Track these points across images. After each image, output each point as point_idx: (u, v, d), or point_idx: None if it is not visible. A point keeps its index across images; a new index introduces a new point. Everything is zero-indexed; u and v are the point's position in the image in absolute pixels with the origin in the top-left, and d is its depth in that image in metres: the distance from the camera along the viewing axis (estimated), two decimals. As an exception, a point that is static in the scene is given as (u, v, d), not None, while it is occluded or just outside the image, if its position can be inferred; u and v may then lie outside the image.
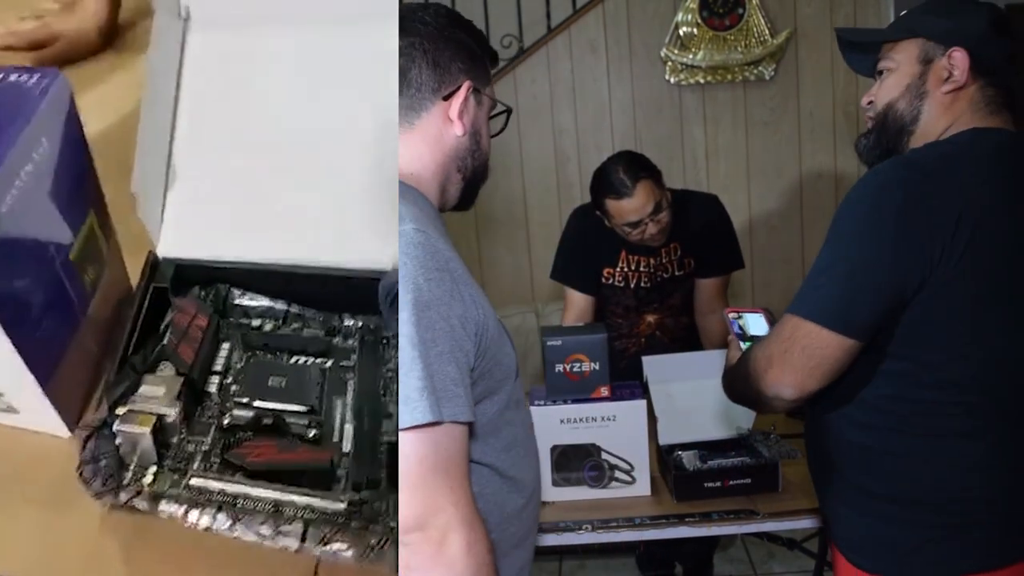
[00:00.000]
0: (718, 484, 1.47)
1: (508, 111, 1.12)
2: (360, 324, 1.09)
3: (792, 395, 1.05)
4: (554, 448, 1.49)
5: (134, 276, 1.10)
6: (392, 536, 0.89)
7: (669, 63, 3.04)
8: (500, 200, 3.15)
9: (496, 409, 0.94)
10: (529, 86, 3.09)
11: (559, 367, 1.48)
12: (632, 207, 1.83)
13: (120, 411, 0.95)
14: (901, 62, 1.13)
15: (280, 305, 1.10)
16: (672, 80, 3.04)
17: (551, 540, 1.44)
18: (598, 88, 3.09)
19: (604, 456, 1.49)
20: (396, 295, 0.92)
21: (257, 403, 1.00)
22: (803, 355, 1.02)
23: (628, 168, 1.84)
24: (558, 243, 2.11)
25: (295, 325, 1.09)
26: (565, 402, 1.48)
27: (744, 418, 1.56)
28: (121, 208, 1.09)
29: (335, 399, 1.02)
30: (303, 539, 0.90)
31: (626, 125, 3.09)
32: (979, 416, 1.04)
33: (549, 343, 1.49)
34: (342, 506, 0.92)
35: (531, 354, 3.00)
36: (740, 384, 1.13)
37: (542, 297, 3.14)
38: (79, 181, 1.03)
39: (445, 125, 0.99)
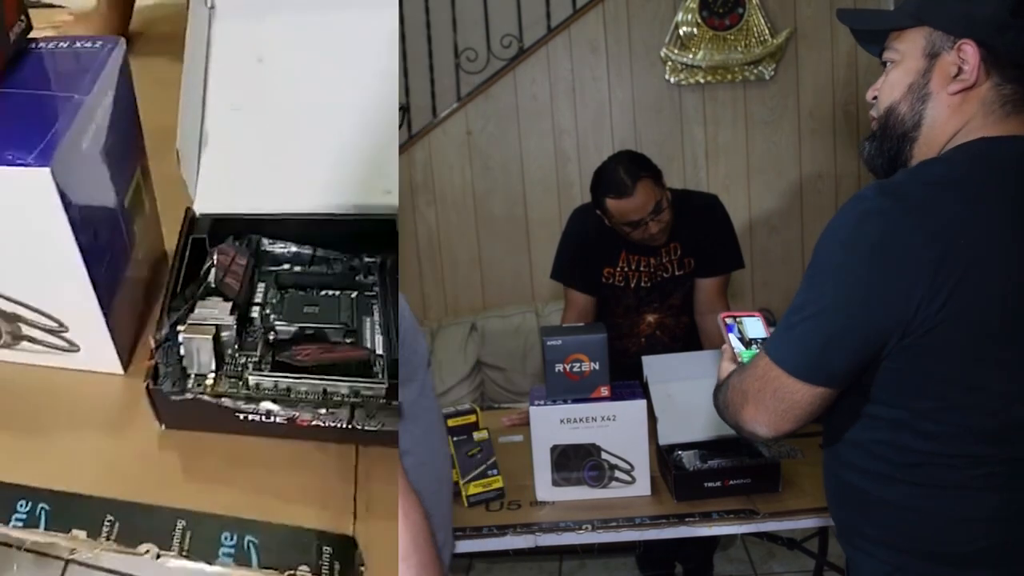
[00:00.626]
0: (718, 484, 1.47)
1: None
2: (378, 261, 1.24)
3: (767, 433, 1.02)
4: (554, 448, 1.49)
5: (168, 235, 1.27)
6: None
7: (669, 63, 3.04)
8: (500, 200, 3.15)
9: (414, 396, 1.02)
10: (529, 86, 3.10)
11: (559, 367, 1.48)
12: (632, 206, 1.84)
13: (181, 327, 1.08)
14: (906, 54, 0.99)
15: (306, 250, 1.25)
16: (672, 80, 3.04)
17: (551, 540, 1.44)
18: (598, 88, 3.09)
19: (604, 456, 1.49)
20: None
21: (297, 324, 1.15)
22: (774, 399, 0.98)
23: (628, 167, 1.85)
24: (558, 243, 2.11)
25: (321, 267, 1.25)
26: (565, 402, 1.48)
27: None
28: (155, 173, 1.26)
29: (364, 318, 1.18)
30: (351, 420, 1.03)
31: (626, 125, 3.09)
32: (974, 467, 0.95)
33: (549, 343, 1.48)
34: (383, 387, 1.05)
35: (531, 354, 3.00)
36: (723, 408, 1.10)
37: (542, 297, 3.14)
38: (132, 137, 1.19)
39: None
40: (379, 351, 1.13)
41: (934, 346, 0.90)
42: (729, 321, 1.20)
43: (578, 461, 1.49)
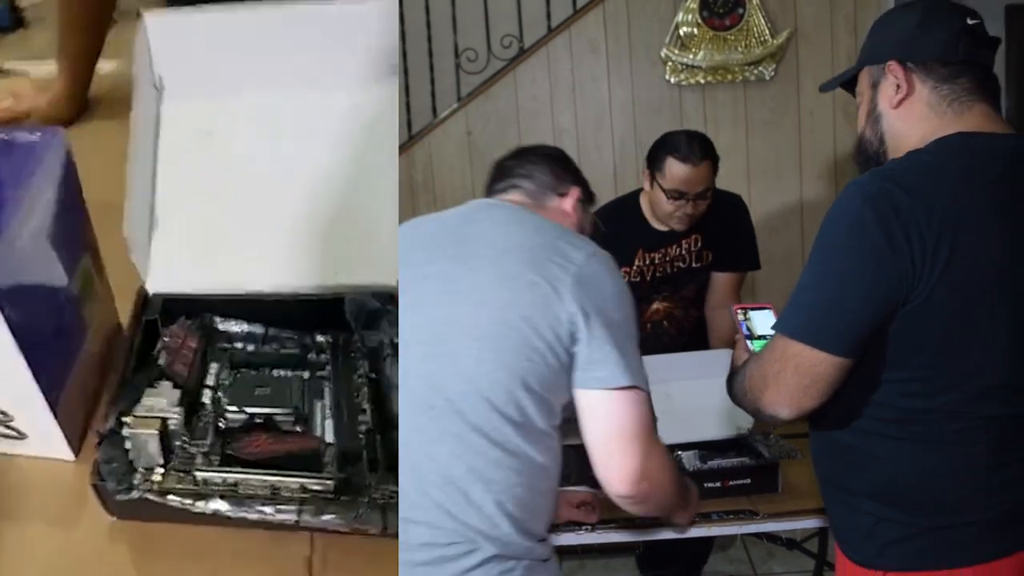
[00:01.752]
0: (718, 484, 1.47)
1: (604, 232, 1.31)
2: (331, 340, 1.23)
3: (789, 415, 1.05)
4: (554, 448, 1.48)
5: (123, 314, 1.25)
6: (375, 503, 1.02)
7: (669, 63, 3.03)
8: (500, 200, 3.14)
9: None
10: (529, 86, 3.09)
11: (559, 367, 1.48)
12: (692, 175, 1.86)
13: (128, 419, 1.05)
14: (861, 92, 1.17)
15: (258, 328, 1.24)
16: (672, 80, 3.04)
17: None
18: (598, 88, 3.09)
19: (604, 456, 1.49)
20: (368, 312, 1.18)
21: (247, 409, 1.12)
22: (796, 375, 1.02)
23: (702, 142, 1.90)
24: None
25: (273, 345, 1.24)
26: (565, 402, 1.48)
27: (744, 418, 1.56)
28: (106, 254, 1.24)
29: (315, 401, 1.16)
30: (299, 515, 1.01)
31: (626, 125, 3.09)
32: (963, 421, 1.03)
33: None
34: (331, 483, 1.03)
35: (531, 354, 3.00)
36: (740, 396, 1.14)
37: (542, 297, 3.14)
38: (77, 226, 1.18)
39: (562, 215, 1.22)
40: (328, 438, 1.10)
41: (929, 311, 0.98)
42: (739, 313, 1.25)
43: (579, 461, 1.49)
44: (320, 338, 1.24)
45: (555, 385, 1.05)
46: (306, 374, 1.20)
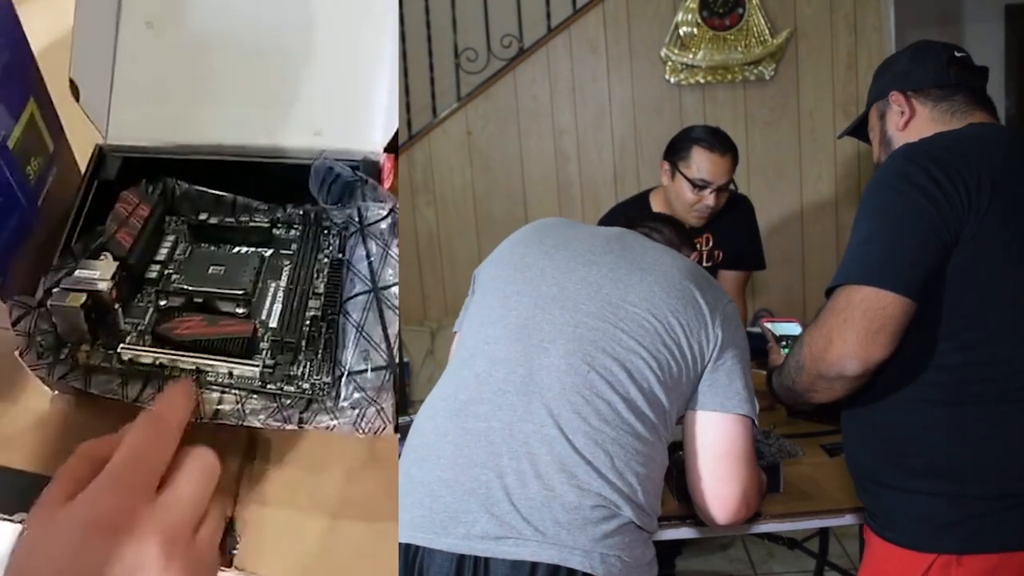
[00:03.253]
0: (719, 484, 1.47)
1: None
2: (301, 213, 1.12)
3: (857, 369, 1.03)
4: (555, 448, 1.48)
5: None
6: (303, 397, 0.97)
7: (669, 63, 3.04)
8: (500, 200, 3.15)
9: None
10: (529, 86, 3.09)
11: (560, 367, 1.48)
12: (717, 166, 1.89)
13: (55, 291, 0.98)
14: (872, 127, 1.28)
15: (227, 196, 1.13)
16: (672, 80, 3.05)
17: (552, 540, 1.43)
18: (598, 88, 3.09)
19: (605, 456, 1.48)
20: (333, 181, 1.03)
21: (193, 288, 1.05)
22: (864, 319, 1.02)
23: (725, 136, 1.95)
24: None
25: (242, 217, 1.13)
26: (566, 402, 1.48)
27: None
28: (71, 107, 1.07)
29: (269, 283, 1.08)
30: (219, 403, 0.97)
31: (626, 125, 3.09)
32: (1012, 377, 1.03)
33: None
34: (256, 370, 0.98)
35: (531, 354, 3.00)
36: (795, 374, 1.13)
37: (542, 297, 3.14)
38: (14, 66, 0.99)
39: None
40: (272, 323, 1.04)
41: (976, 252, 1.04)
42: (768, 325, 1.30)
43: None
44: (291, 211, 1.12)
45: (681, 394, 1.08)
46: (269, 251, 1.10)
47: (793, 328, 1.25)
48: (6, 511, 0.97)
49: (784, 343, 1.24)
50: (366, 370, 0.97)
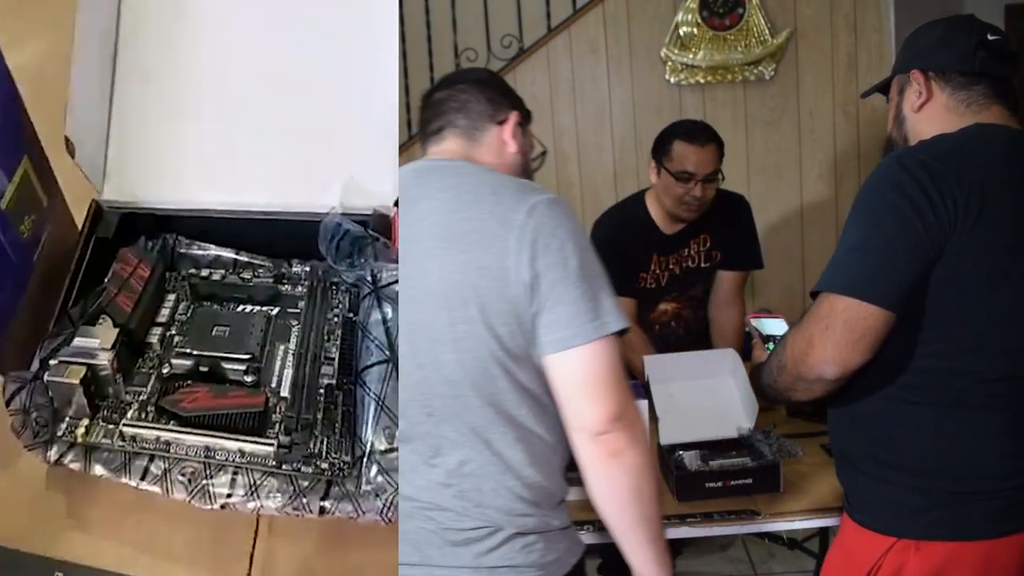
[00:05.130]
0: (719, 484, 1.47)
1: (544, 152, 1.27)
2: (308, 270, 1.07)
3: (835, 373, 1.06)
4: (555, 448, 1.48)
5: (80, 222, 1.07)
6: (322, 478, 0.89)
7: (669, 63, 3.04)
8: (500, 200, 3.14)
9: None
10: (529, 86, 3.09)
11: (560, 367, 1.48)
12: (698, 156, 1.89)
13: (52, 363, 0.93)
14: (892, 97, 1.27)
15: (229, 253, 1.08)
16: (672, 80, 3.04)
17: (552, 540, 1.43)
18: (598, 88, 3.09)
19: (605, 456, 1.48)
20: (341, 237, 0.99)
21: (197, 352, 0.98)
22: (845, 328, 1.05)
23: (705, 127, 1.96)
24: None
25: (245, 273, 1.07)
26: (566, 402, 1.48)
27: (745, 418, 1.56)
28: (65, 162, 1.04)
29: (278, 345, 1.02)
30: (231, 491, 0.89)
31: (626, 125, 3.09)
32: (987, 385, 1.07)
33: (550, 343, 1.48)
34: (271, 449, 0.90)
35: (531, 354, 3.00)
36: (776, 374, 1.15)
37: (542, 297, 3.14)
38: (10, 121, 0.98)
39: (502, 145, 1.15)
40: (283, 392, 0.97)
41: (959, 267, 1.05)
42: (754, 321, 1.29)
43: (579, 461, 1.49)
44: (297, 268, 1.07)
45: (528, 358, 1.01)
46: (275, 310, 1.04)
47: (780, 326, 1.26)
48: None
49: (769, 342, 1.24)
50: (391, 449, 0.91)
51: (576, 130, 3.11)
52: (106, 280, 1.01)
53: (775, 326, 1.25)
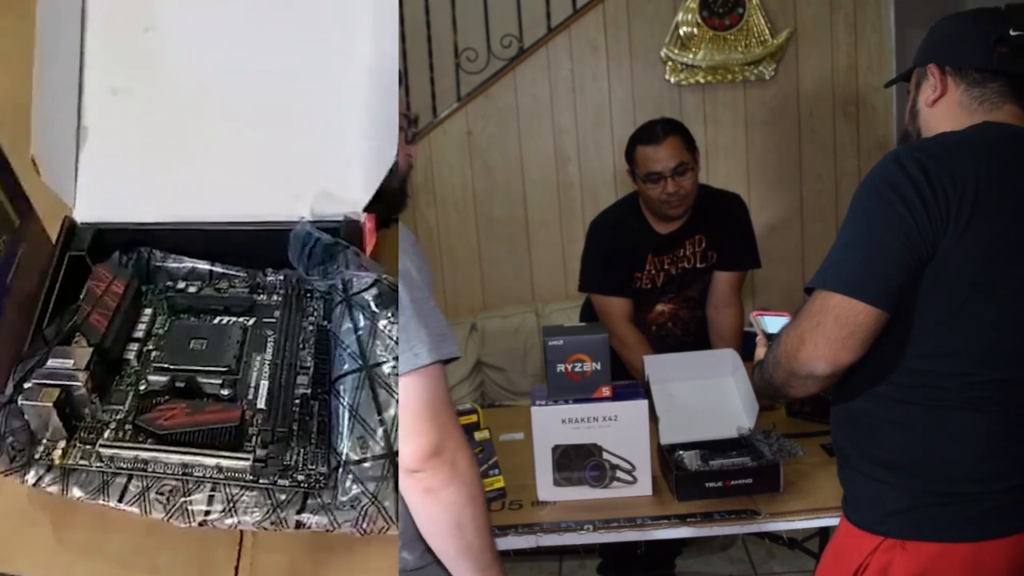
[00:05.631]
0: (719, 484, 1.47)
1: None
2: (283, 278, 1.08)
3: (825, 370, 1.07)
4: (555, 448, 1.48)
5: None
6: (299, 491, 0.90)
7: (669, 63, 3.04)
8: (500, 200, 3.15)
9: None
10: (529, 86, 3.09)
11: (560, 367, 1.48)
12: (660, 154, 1.91)
13: (26, 386, 0.92)
14: (911, 89, 1.25)
15: (204, 265, 1.08)
16: (672, 80, 3.04)
17: (552, 540, 1.44)
18: (598, 88, 3.09)
19: (605, 456, 1.49)
20: (313, 245, 0.98)
21: (174, 368, 0.98)
22: (836, 325, 1.05)
23: (665, 124, 1.98)
24: (583, 256, 2.12)
25: (220, 284, 1.08)
26: (567, 402, 1.48)
27: (745, 418, 1.56)
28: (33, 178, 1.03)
29: (255, 356, 1.02)
30: (208, 507, 0.89)
31: (626, 125, 3.08)
32: (975, 388, 1.07)
33: (551, 343, 1.48)
34: (247, 464, 0.91)
35: (532, 354, 3.00)
36: (771, 370, 1.16)
37: (542, 297, 3.14)
38: None
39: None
40: (260, 404, 0.97)
41: (948, 267, 1.05)
42: (758, 319, 1.29)
43: (579, 461, 1.49)
44: (272, 277, 1.07)
45: None
46: (251, 320, 1.04)
47: (781, 320, 1.25)
48: None
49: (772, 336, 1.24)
50: (364, 459, 0.91)
51: (576, 130, 3.11)
52: (80, 298, 1.00)
53: (779, 323, 1.24)
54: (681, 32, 3.01)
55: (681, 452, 1.53)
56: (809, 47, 3.02)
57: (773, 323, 1.26)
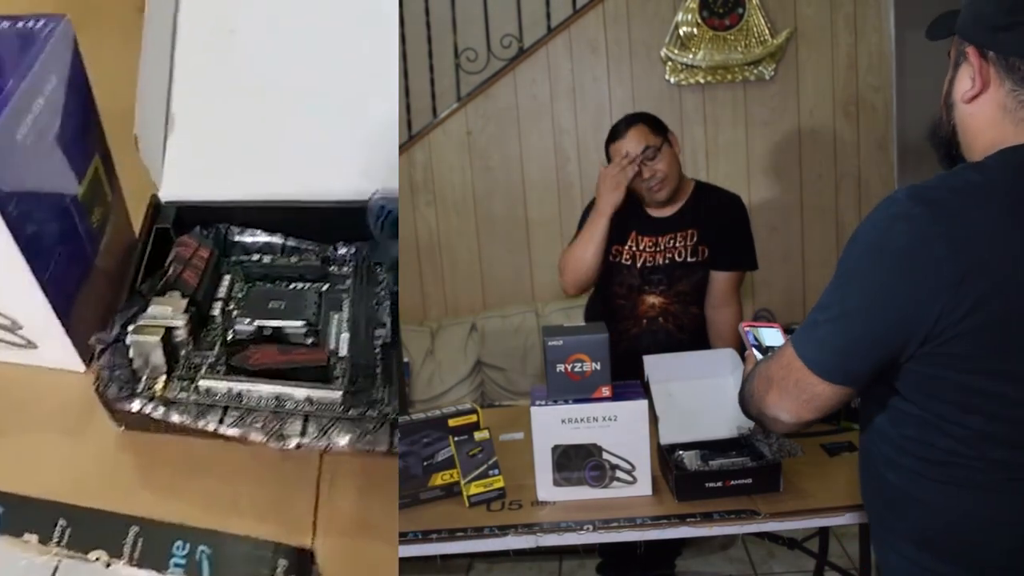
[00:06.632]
0: (719, 484, 1.47)
1: None
2: (353, 251, 1.18)
3: (789, 420, 1.03)
4: (555, 448, 1.48)
5: (137, 223, 1.20)
6: (386, 421, 0.99)
7: (669, 63, 3.04)
8: (500, 200, 3.15)
9: None
10: (529, 86, 3.09)
11: (560, 367, 1.48)
12: (623, 144, 1.99)
13: (131, 327, 1.03)
14: (949, 58, 1.00)
15: (277, 239, 1.19)
16: (672, 80, 3.04)
17: (551, 540, 1.43)
18: (598, 88, 3.09)
19: (605, 456, 1.49)
20: (385, 218, 1.10)
21: (258, 322, 1.08)
22: (796, 388, 1.01)
23: (627, 118, 2.06)
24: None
25: (292, 257, 1.18)
26: (566, 402, 1.48)
27: (745, 418, 1.56)
28: (121, 160, 1.18)
29: (331, 314, 1.12)
30: (303, 433, 0.97)
31: (626, 125, 3.09)
32: (997, 470, 0.94)
33: (550, 343, 1.48)
34: (339, 394, 0.99)
35: (531, 354, 3.00)
36: (747, 399, 1.12)
37: (542, 297, 3.14)
38: (84, 124, 1.10)
39: None
40: (342, 352, 1.06)
41: (955, 354, 0.90)
42: (748, 330, 1.24)
43: (579, 461, 1.49)
44: (342, 250, 1.18)
45: None
46: (325, 287, 1.15)
47: (776, 336, 1.23)
48: (79, 548, 0.97)
49: (768, 353, 1.20)
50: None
51: (576, 130, 3.11)
52: (169, 260, 1.12)
53: (772, 336, 1.22)
54: (681, 32, 3.01)
55: (681, 452, 1.53)
56: (809, 47, 3.02)
57: (770, 335, 1.23)
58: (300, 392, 1.00)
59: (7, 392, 1.13)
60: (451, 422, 1.52)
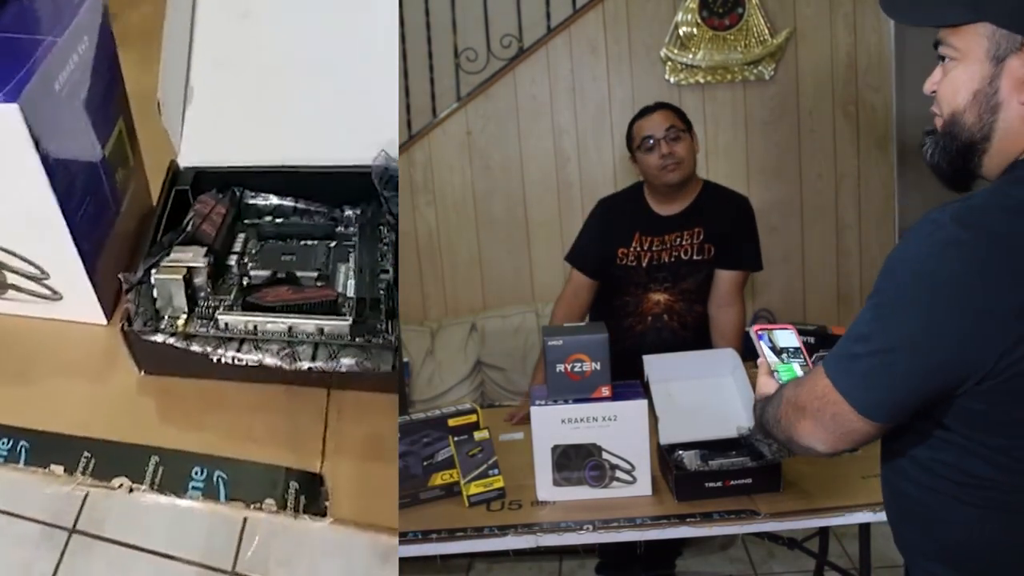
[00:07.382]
0: (719, 484, 1.47)
1: None
2: (359, 212, 1.29)
3: (824, 450, 0.95)
4: (555, 448, 1.48)
5: (155, 188, 1.31)
6: (390, 346, 1.10)
7: (669, 63, 3.04)
8: (500, 200, 3.15)
9: None
10: (529, 86, 3.09)
11: (560, 367, 1.48)
12: (651, 122, 2.02)
13: (155, 271, 1.13)
14: (967, 53, 0.87)
15: (288, 202, 1.30)
16: (672, 80, 3.04)
17: (551, 540, 1.44)
18: (598, 88, 3.09)
19: (605, 456, 1.49)
20: (388, 180, 1.22)
21: (270, 270, 1.21)
22: (833, 422, 0.91)
23: (657, 103, 2.10)
24: (580, 229, 2.19)
25: (302, 219, 1.29)
26: (566, 402, 1.48)
27: (745, 417, 1.56)
28: (141, 129, 1.30)
29: (339, 265, 1.24)
30: (314, 358, 1.08)
31: (626, 125, 3.08)
32: None
33: (550, 343, 1.48)
34: (347, 323, 1.11)
35: (531, 354, 3.00)
36: (772, 424, 1.03)
37: (542, 297, 3.14)
38: (111, 87, 1.20)
39: None
40: (349, 293, 1.18)
41: (1017, 391, 0.83)
42: (761, 333, 1.16)
43: (579, 461, 1.49)
44: (349, 211, 1.29)
45: None
46: (333, 243, 1.26)
47: (791, 338, 1.18)
48: (103, 478, 1.05)
49: (783, 356, 1.15)
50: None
51: (576, 130, 3.11)
52: (189, 216, 1.22)
53: (786, 337, 1.17)
54: (681, 32, 3.01)
55: (681, 452, 1.53)
56: (809, 47, 3.02)
57: (784, 337, 1.17)
58: (311, 323, 1.10)
59: (33, 343, 1.22)
60: (451, 422, 1.52)
